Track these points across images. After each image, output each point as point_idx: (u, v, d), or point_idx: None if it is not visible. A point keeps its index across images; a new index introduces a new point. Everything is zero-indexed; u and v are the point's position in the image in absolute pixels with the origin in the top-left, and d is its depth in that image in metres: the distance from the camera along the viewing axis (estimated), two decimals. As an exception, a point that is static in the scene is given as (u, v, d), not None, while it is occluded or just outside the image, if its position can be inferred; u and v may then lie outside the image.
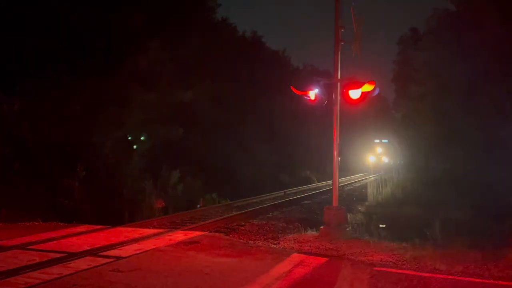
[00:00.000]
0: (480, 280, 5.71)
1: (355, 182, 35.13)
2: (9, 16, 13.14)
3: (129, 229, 9.43)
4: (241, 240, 8.26)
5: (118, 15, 16.43)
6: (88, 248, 6.77)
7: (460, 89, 19.99)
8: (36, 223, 9.50)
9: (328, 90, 8.86)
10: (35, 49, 13.58)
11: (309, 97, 8.85)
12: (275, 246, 7.89)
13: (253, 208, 15.76)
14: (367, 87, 8.24)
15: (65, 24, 14.44)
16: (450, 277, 5.78)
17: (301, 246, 7.74)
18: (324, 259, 6.62)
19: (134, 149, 18.16)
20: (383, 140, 60.70)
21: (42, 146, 12.68)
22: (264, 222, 12.38)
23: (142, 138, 19.62)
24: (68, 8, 14.52)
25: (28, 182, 11.74)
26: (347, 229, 8.75)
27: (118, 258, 6.19)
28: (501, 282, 5.63)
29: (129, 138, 18.97)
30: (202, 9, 25.02)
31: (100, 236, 7.93)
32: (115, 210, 13.84)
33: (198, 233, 8.90)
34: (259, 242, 8.18)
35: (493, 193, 15.04)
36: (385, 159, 60.56)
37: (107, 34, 15.96)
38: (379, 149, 60.67)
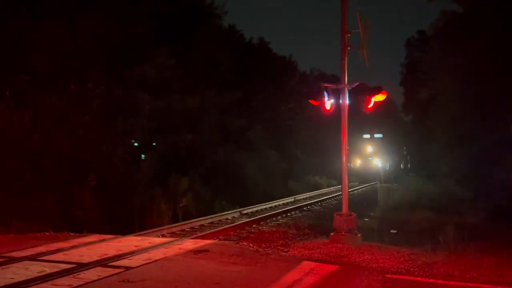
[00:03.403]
0: (495, 287, 5.61)
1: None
2: (15, 26, 13.30)
3: (139, 238, 9.44)
4: (251, 248, 8.20)
5: (126, 22, 16.56)
6: (98, 258, 6.77)
7: (470, 91, 19.81)
8: (47, 233, 9.53)
9: (336, 95, 8.80)
10: (42, 59, 13.73)
11: (324, 107, 8.74)
12: (285, 253, 7.82)
13: (263, 215, 15.71)
14: (379, 97, 8.17)
15: (72, 33, 14.58)
16: (463, 283, 5.68)
17: (312, 253, 7.66)
18: (334, 267, 6.55)
19: (143, 157, 18.23)
20: (376, 135, 45.78)
21: (53, 156, 12.77)
22: (274, 229, 12.32)
23: (153, 144, 19.65)
24: (74, 16, 14.65)
25: (39, 193, 11.81)
26: (358, 235, 8.65)
27: (128, 268, 6.18)
28: (516, 289, 5.53)
29: (136, 144, 18.99)
30: (210, 16, 25.19)
31: (110, 246, 7.94)
32: (126, 219, 13.88)
33: (208, 241, 8.87)
34: (269, 250, 8.12)
35: (507, 196, 14.81)
36: (377, 162, 45.10)
37: (114, 41, 16.10)
38: (369, 148, 46.26)
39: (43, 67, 13.96)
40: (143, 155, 18.49)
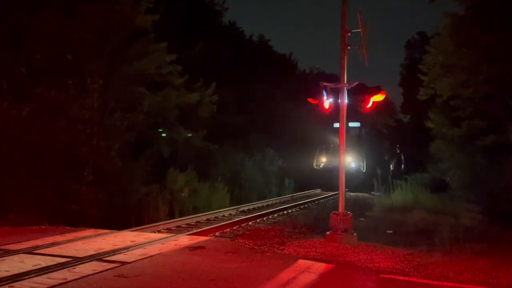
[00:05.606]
0: (489, 289, 5.64)
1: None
2: (15, 20, 13.22)
3: (135, 233, 9.44)
4: (247, 245, 8.22)
5: (126, 16, 16.46)
6: (93, 252, 6.78)
7: (470, 93, 19.85)
8: (43, 227, 9.54)
9: (334, 95, 8.82)
10: (41, 52, 13.65)
11: (323, 107, 8.78)
12: (280, 251, 7.84)
13: (260, 213, 15.71)
14: (378, 97, 8.20)
15: (71, 26, 14.49)
16: (458, 285, 5.70)
17: (307, 251, 7.68)
18: (330, 266, 6.56)
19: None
20: (351, 124, 31.01)
21: (50, 150, 12.72)
22: (270, 226, 12.32)
23: (152, 139, 19.61)
24: (74, 8, 14.55)
25: (36, 186, 11.78)
26: (354, 234, 8.67)
27: (123, 263, 6.18)
28: (510, 291, 5.55)
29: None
30: (210, 13, 25.15)
31: (106, 241, 7.94)
32: (122, 214, 13.87)
33: (204, 237, 8.88)
34: (264, 248, 8.13)
35: (503, 199, 14.85)
36: (351, 161, 31.40)
37: (114, 35, 16.02)
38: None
39: (42, 60, 13.89)
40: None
